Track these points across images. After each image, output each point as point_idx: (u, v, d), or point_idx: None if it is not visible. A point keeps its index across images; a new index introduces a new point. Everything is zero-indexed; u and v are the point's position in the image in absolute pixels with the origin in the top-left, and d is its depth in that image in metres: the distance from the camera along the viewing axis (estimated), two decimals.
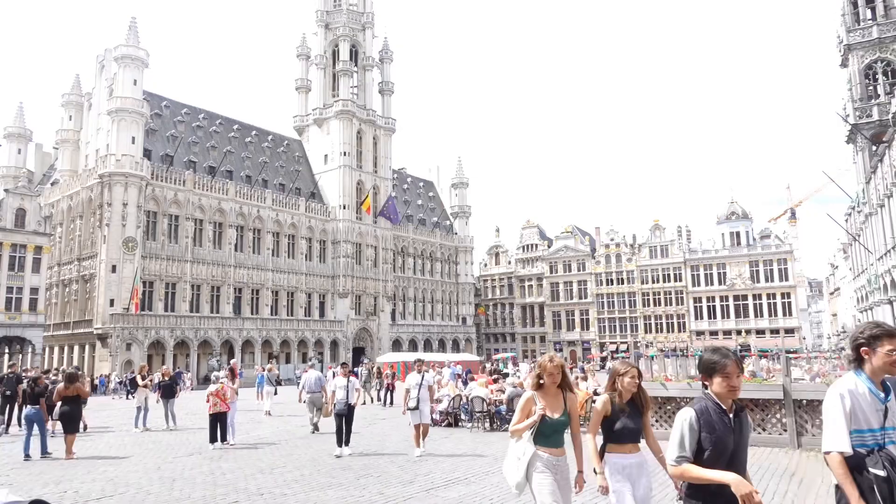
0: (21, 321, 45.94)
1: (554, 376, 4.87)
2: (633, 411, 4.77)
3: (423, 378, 12.51)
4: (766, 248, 73.74)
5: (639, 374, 4.92)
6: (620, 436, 4.70)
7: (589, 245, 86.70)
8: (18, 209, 46.49)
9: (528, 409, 4.87)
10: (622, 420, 4.71)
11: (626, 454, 4.69)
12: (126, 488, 9.58)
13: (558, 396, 4.90)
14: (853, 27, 45.83)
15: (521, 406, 4.91)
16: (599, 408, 4.76)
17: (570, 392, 5.00)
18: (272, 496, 8.83)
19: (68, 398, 13.07)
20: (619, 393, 4.79)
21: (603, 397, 4.84)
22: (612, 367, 5.06)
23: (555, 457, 4.80)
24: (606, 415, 4.74)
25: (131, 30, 53.99)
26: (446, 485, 9.37)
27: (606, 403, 4.76)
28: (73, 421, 13.04)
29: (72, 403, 13.07)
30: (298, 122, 75.40)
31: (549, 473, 4.73)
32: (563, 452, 4.87)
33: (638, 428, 4.77)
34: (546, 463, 4.75)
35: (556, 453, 4.82)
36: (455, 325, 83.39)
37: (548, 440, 4.80)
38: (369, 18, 76.28)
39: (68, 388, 13.13)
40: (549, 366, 4.88)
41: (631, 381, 4.79)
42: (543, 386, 4.90)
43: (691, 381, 13.77)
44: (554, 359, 4.96)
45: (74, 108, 62.85)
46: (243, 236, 60.00)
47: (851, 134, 44.85)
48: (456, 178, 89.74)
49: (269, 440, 15.31)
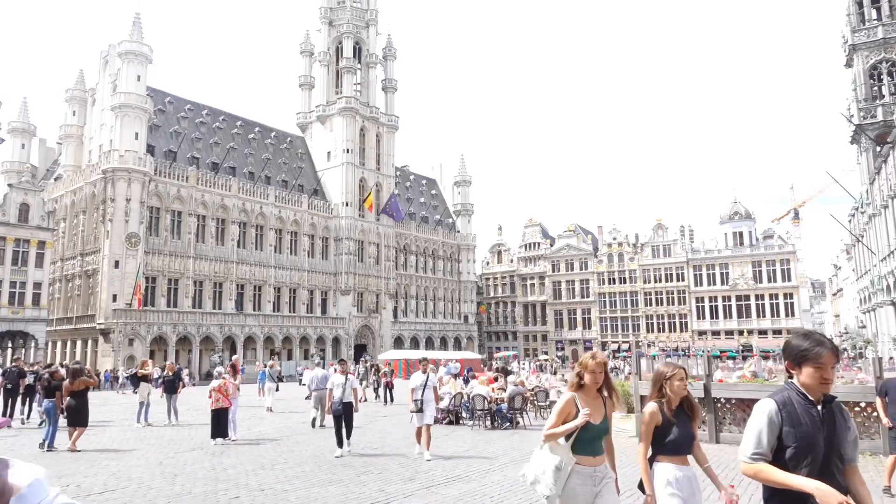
0: (24, 316, 46.07)
1: (596, 375, 4.31)
2: (683, 418, 4.33)
3: (429, 378, 11.94)
4: (768, 248, 73.62)
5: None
6: (673, 447, 4.25)
7: (591, 244, 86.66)
8: (22, 204, 46.60)
9: (566, 413, 4.28)
10: (674, 429, 4.24)
11: (680, 466, 4.26)
12: (128, 483, 9.61)
13: (598, 399, 4.36)
14: (858, 27, 45.69)
15: (560, 409, 4.32)
16: (648, 418, 4.28)
17: (611, 394, 4.43)
18: (273, 492, 8.85)
19: (74, 392, 13.16)
20: (667, 399, 4.32)
21: (651, 406, 4.33)
22: (656, 371, 4.52)
23: (595, 466, 4.32)
24: (657, 425, 4.28)
25: (135, 25, 54.04)
26: (447, 482, 9.39)
27: (656, 413, 4.28)
28: (80, 414, 13.11)
29: (78, 397, 13.17)
30: (301, 119, 75.42)
31: (589, 485, 4.25)
32: (603, 460, 4.38)
33: (691, 437, 4.31)
34: (582, 473, 4.25)
35: (594, 462, 4.33)
36: (457, 323, 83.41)
37: (588, 448, 4.27)
38: (373, 16, 76.24)
39: (73, 382, 13.22)
40: (592, 363, 4.32)
41: (681, 384, 4.33)
42: (584, 387, 4.34)
43: (692, 381, 13.77)
44: (597, 356, 4.39)
45: (78, 103, 62.96)
46: (246, 233, 60.08)
47: (855, 134, 44.72)
48: (459, 176, 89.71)
49: (271, 436, 15.35)
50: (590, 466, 4.25)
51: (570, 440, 4.23)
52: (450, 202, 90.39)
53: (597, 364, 4.31)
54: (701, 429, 13.01)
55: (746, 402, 12.81)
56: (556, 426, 4.27)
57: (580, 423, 4.17)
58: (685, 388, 4.36)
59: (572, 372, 4.64)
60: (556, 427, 4.27)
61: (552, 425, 4.31)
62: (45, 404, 13.78)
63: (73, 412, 13.01)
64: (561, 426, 4.25)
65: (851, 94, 45.67)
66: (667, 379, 4.36)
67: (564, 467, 4.20)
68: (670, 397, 4.33)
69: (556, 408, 4.36)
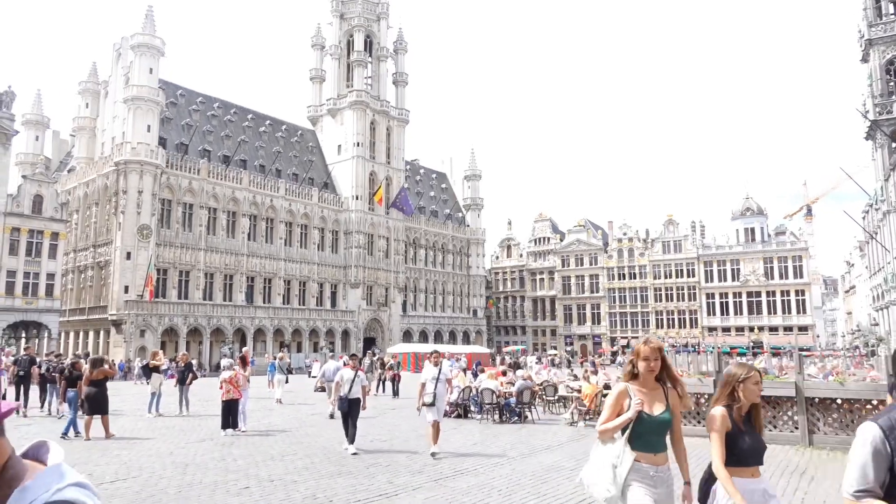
0: (37, 306, 46.55)
1: (650, 363, 3.87)
2: (750, 426, 3.84)
3: (441, 371, 11.37)
4: (780, 244, 73.04)
5: None
6: (744, 457, 3.74)
7: (601, 239, 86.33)
8: (36, 196, 47.01)
9: (619, 405, 3.88)
10: (744, 437, 3.75)
11: (750, 479, 3.76)
12: (139, 472, 9.71)
13: (658, 390, 3.93)
14: (875, 22, 45.11)
15: (612, 401, 3.92)
16: (720, 422, 3.74)
17: (674, 384, 3.99)
18: (282, 483, 8.92)
19: (94, 381, 13.49)
20: (739, 405, 3.80)
21: (720, 410, 3.80)
22: (727, 372, 4.01)
23: (655, 465, 3.81)
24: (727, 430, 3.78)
25: (148, 18, 54.25)
26: (455, 475, 9.42)
27: (725, 418, 3.75)
28: (100, 403, 13.43)
29: (98, 386, 13.48)
30: (312, 113, 75.52)
31: (649, 487, 3.77)
32: (665, 460, 3.89)
33: (762, 446, 3.84)
34: (644, 474, 3.78)
35: (656, 461, 3.82)
36: (466, 317, 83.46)
37: (646, 444, 3.83)
38: (384, 9, 76.10)
39: (93, 372, 13.55)
40: (645, 350, 3.90)
41: (756, 387, 3.82)
42: (639, 376, 3.94)
43: (702, 377, 13.73)
44: (650, 340, 3.97)
45: (91, 95, 63.37)
46: (256, 225, 60.34)
47: (871, 130, 44.22)
48: (469, 170, 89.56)
49: (280, 428, 15.45)
50: (652, 465, 3.80)
51: (626, 434, 3.83)
52: (460, 196, 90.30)
53: (650, 350, 3.89)
54: None
55: None
56: (610, 420, 3.90)
57: (632, 416, 3.80)
58: (760, 392, 3.86)
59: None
60: (609, 421, 3.90)
61: (605, 419, 3.94)
62: (69, 394, 14.18)
63: (93, 401, 13.32)
64: (614, 420, 3.88)
65: (867, 90, 45.14)
66: (740, 381, 3.82)
67: (622, 464, 3.79)
68: (743, 402, 3.79)
69: (609, 400, 4.00)
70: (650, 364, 3.88)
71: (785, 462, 10.39)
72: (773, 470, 9.68)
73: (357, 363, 12.25)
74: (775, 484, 8.78)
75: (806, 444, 11.98)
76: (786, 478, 9.22)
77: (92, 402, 13.30)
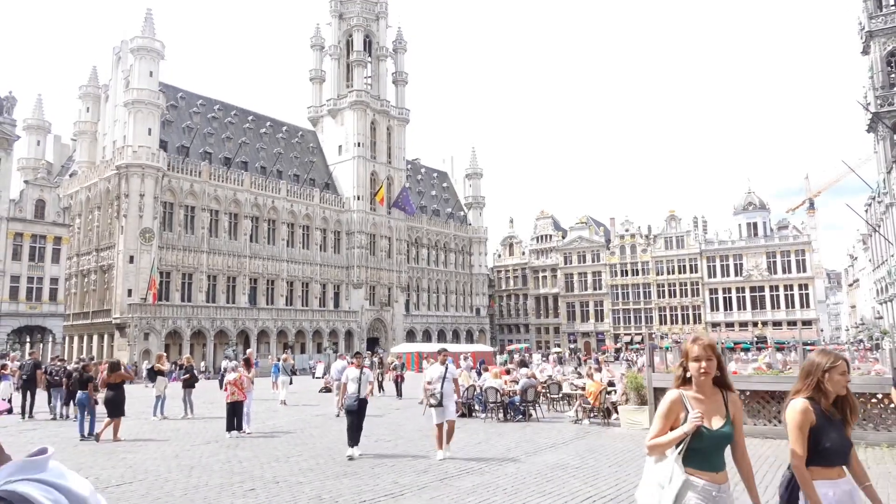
0: (41, 311, 46.64)
1: (704, 364, 3.32)
2: (836, 420, 3.42)
3: (447, 370, 11.05)
4: (783, 238, 72.95)
5: None
6: (828, 455, 3.35)
7: (603, 236, 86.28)
8: (38, 200, 47.10)
9: (673, 416, 3.36)
10: (829, 433, 3.35)
11: (835, 479, 3.36)
12: (145, 475, 9.74)
13: (716, 396, 3.39)
14: (875, 13, 44.97)
15: (664, 411, 3.38)
16: (800, 417, 3.33)
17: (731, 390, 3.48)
18: (287, 484, 8.93)
19: (112, 385, 13.80)
20: (824, 394, 3.42)
21: (801, 402, 3.39)
22: (808, 360, 3.60)
23: (717, 484, 3.30)
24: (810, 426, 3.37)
25: (147, 22, 54.31)
26: (460, 474, 9.42)
27: (808, 411, 3.36)
28: (118, 406, 13.72)
29: (116, 389, 13.79)
30: (313, 113, 75.55)
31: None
32: (725, 478, 3.38)
33: (848, 443, 3.42)
34: (703, 494, 3.27)
35: (716, 479, 3.31)
36: (469, 315, 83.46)
37: (705, 461, 3.31)
38: (383, 8, 76.07)
39: (111, 376, 13.90)
40: (696, 349, 3.34)
41: (842, 378, 3.42)
42: (692, 381, 3.40)
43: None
44: (701, 338, 3.40)
45: (92, 99, 63.47)
46: (258, 227, 60.41)
47: (872, 123, 44.10)
48: (470, 169, 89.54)
49: (285, 429, 15.47)
50: (713, 483, 3.29)
51: (681, 450, 3.30)
52: (461, 195, 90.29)
53: (701, 348, 3.33)
54: None
55: (761, 393, 12.75)
56: (662, 434, 3.36)
57: (689, 430, 3.26)
58: (847, 382, 3.46)
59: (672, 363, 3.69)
60: (660, 435, 3.36)
61: (656, 433, 3.39)
62: (79, 396, 14.40)
63: (111, 404, 13.63)
64: (668, 434, 3.33)
65: (868, 82, 45.01)
66: (825, 371, 3.42)
67: (671, 485, 3.29)
68: (828, 392, 3.40)
69: (660, 410, 3.43)
70: (702, 366, 3.32)
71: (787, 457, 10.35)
72: (778, 465, 9.67)
73: (362, 361, 11.89)
74: (778, 480, 8.75)
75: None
76: None
77: (110, 405, 13.63)
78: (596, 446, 12.15)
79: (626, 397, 15.11)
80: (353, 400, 11.11)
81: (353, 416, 11.14)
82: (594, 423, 15.51)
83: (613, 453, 11.30)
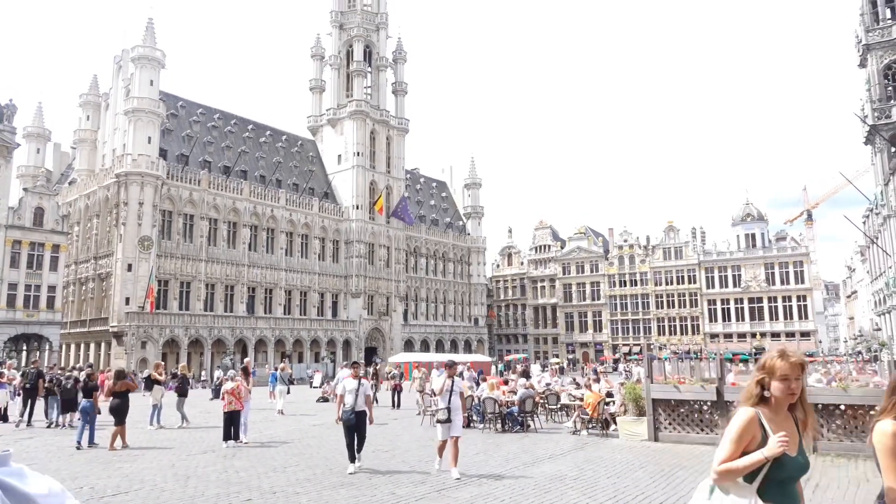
0: (39, 319, 46.49)
1: (790, 384, 2.88)
2: None
3: (455, 383, 10.47)
4: (781, 250, 73.05)
5: None
6: None
7: (602, 246, 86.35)
8: (37, 208, 47.08)
9: (748, 439, 2.86)
10: None
11: None
12: (141, 485, 9.68)
13: (789, 421, 2.96)
14: (872, 27, 45.29)
15: (738, 433, 2.86)
16: (893, 441, 2.79)
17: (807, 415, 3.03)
18: (285, 495, 8.88)
19: (117, 393, 13.98)
20: None
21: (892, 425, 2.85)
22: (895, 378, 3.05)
23: None
24: None
25: (148, 31, 54.55)
26: (458, 486, 9.37)
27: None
28: (122, 414, 13.82)
29: (121, 398, 13.94)
30: (312, 123, 75.76)
31: None
32: None
33: None
34: None
35: None
36: (467, 325, 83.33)
37: (785, 494, 2.88)
38: (383, 19, 76.48)
39: (117, 384, 14.11)
40: (783, 366, 2.88)
41: None
42: (770, 401, 2.93)
43: (705, 384, 13.68)
44: (789, 354, 2.94)
45: (92, 108, 63.63)
46: (257, 236, 60.39)
47: (870, 135, 44.31)
48: (469, 179, 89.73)
49: (282, 439, 15.40)
50: None
51: (757, 480, 2.83)
52: (460, 205, 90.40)
53: (791, 367, 2.87)
54: (714, 433, 12.93)
55: None
56: (734, 457, 2.84)
57: (774, 454, 2.76)
58: None
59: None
60: (733, 460, 2.83)
61: (727, 456, 2.85)
62: (83, 403, 14.50)
63: (116, 412, 13.77)
64: (742, 459, 2.82)
65: (865, 95, 45.28)
66: None
67: None
68: None
69: (732, 431, 2.88)
70: (791, 386, 2.87)
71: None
72: None
73: (359, 371, 11.24)
74: None
75: (810, 451, 11.92)
76: None
77: (116, 413, 13.77)
78: (594, 457, 12.10)
79: (624, 408, 15.08)
80: (350, 413, 10.54)
81: (352, 430, 10.62)
82: (592, 434, 15.47)
83: (612, 464, 11.25)
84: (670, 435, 13.65)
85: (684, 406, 13.66)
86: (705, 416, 13.40)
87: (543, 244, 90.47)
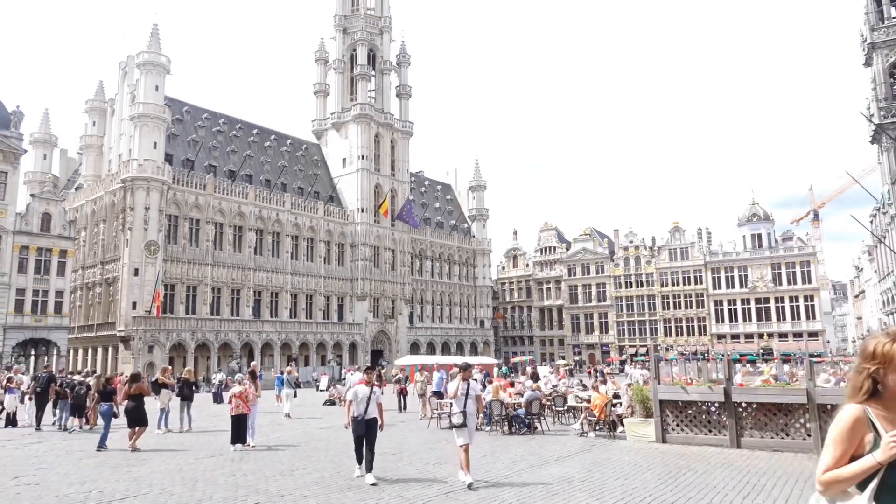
0: (46, 323, 46.73)
1: None
2: None
3: (470, 387, 10.01)
4: (788, 250, 72.75)
5: None
6: None
7: (608, 247, 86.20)
8: (44, 214, 47.35)
9: (856, 440, 2.49)
10: None
11: None
12: (149, 489, 9.70)
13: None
14: (877, 25, 45.08)
15: (844, 432, 2.52)
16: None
17: None
18: (292, 498, 8.88)
19: (132, 396, 14.23)
20: None
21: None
22: None
23: None
24: None
25: (153, 37, 54.84)
26: (465, 489, 9.35)
27: None
28: (138, 416, 14.11)
29: (136, 401, 14.20)
30: (317, 126, 75.98)
31: None
32: None
33: None
34: None
35: None
36: (473, 327, 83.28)
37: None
38: (387, 23, 76.67)
39: (132, 387, 14.36)
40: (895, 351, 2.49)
41: None
42: (882, 396, 2.55)
43: (712, 385, 13.62)
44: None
45: (98, 114, 64.00)
46: (263, 240, 60.56)
47: (876, 134, 44.08)
48: (473, 181, 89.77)
49: (289, 442, 15.41)
50: None
51: (871, 489, 2.43)
52: (465, 207, 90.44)
53: None
54: (721, 434, 12.88)
55: (768, 406, 12.65)
56: (841, 464, 2.47)
57: (889, 457, 2.36)
58: None
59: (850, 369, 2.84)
60: (839, 466, 2.47)
61: (833, 463, 2.49)
62: (102, 407, 14.86)
63: (131, 414, 14.07)
64: (851, 465, 2.45)
65: (871, 93, 45.04)
66: None
67: None
68: None
69: (836, 432, 2.54)
70: None
71: (798, 470, 10.27)
72: (786, 479, 9.59)
73: (373, 377, 10.61)
74: (788, 494, 8.68)
75: (819, 452, 11.84)
76: (798, 486, 9.12)
77: (130, 416, 14.06)
78: (602, 459, 12.07)
79: (631, 410, 15.03)
80: (359, 422, 10.01)
81: (361, 439, 10.15)
82: (600, 436, 15.42)
83: (619, 466, 11.22)
84: (678, 436, 13.59)
85: (692, 407, 13.60)
86: (713, 418, 13.34)
87: (549, 246, 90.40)
